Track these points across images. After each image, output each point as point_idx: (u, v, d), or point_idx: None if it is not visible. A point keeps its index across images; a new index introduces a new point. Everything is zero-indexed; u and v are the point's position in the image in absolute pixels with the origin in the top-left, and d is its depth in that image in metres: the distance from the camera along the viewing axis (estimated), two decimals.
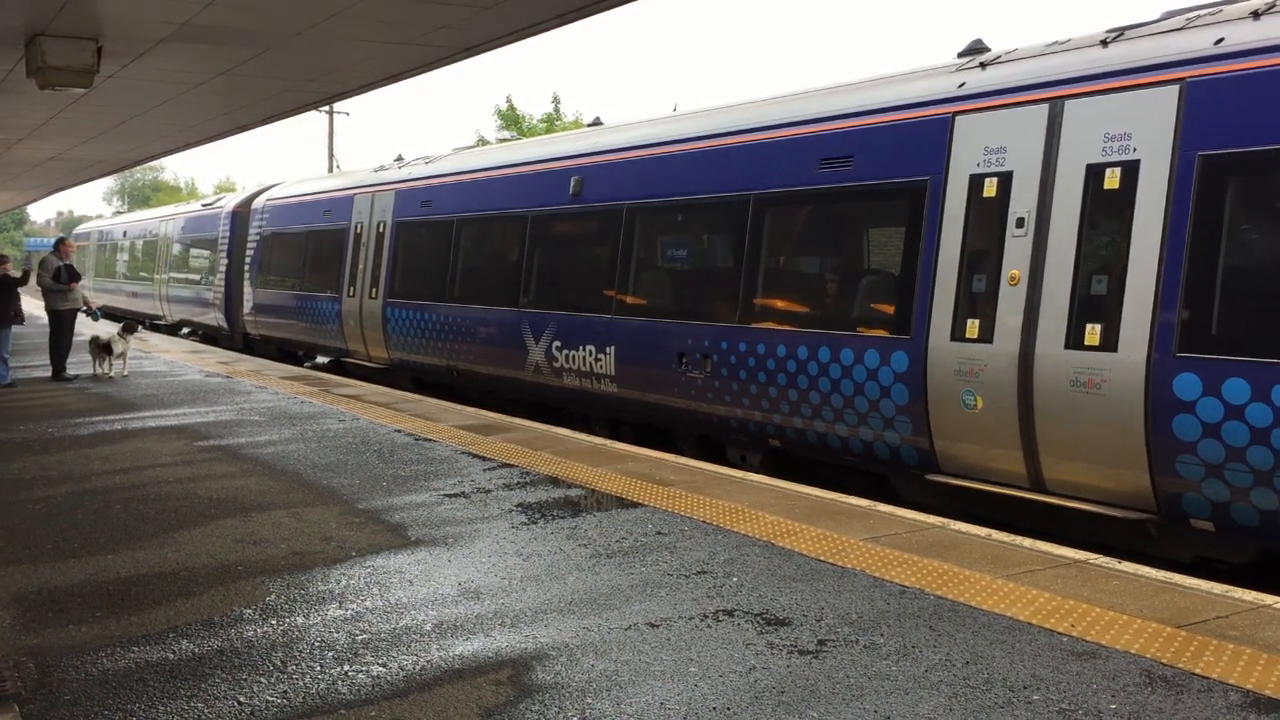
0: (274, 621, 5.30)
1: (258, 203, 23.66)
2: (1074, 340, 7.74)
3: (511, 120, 40.04)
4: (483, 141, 38.74)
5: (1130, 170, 7.55)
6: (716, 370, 10.55)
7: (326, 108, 46.18)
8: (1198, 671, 4.58)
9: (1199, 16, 7.83)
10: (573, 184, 13.06)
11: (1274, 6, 7.31)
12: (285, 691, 4.45)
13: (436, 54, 12.18)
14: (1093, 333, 7.63)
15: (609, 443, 10.60)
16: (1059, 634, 5.05)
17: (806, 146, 10.03)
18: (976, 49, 9.61)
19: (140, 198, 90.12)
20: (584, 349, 12.39)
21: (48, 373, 16.20)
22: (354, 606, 5.52)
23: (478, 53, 12.08)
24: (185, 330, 28.40)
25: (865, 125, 9.58)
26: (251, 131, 19.46)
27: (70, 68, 11.12)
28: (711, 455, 10.83)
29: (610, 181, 12.53)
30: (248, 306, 23.06)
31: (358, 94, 15.56)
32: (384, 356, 17.30)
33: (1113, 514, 7.59)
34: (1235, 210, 7.10)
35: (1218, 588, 5.82)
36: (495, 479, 8.67)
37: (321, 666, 4.72)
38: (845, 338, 9.34)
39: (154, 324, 30.36)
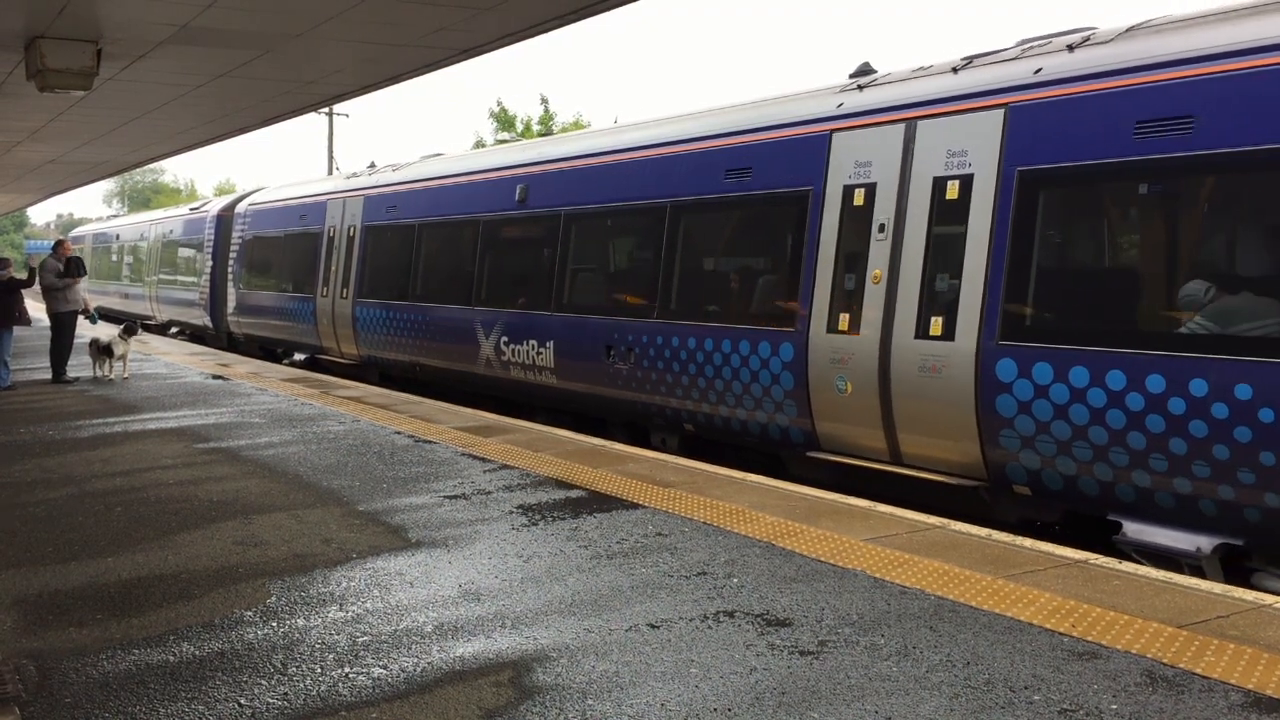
0: (274, 623, 5.30)
1: (240, 207, 24.63)
2: (922, 331, 8.80)
3: (505, 122, 39.99)
4: (481, 143, 38.83)
5: (966, 183, 8.64)
6: (639, 362, 11.57)
7: (326, 109, 46.18)
8: (1198, 671, 4.58)
9: (1032, 47, 8.87)
10: (518, 191, 14.14)
11: (1088, 40, 8.38)
12: (286, 693, 4.45)
13: (436, 55, 12.19)
14: (936, 324, 8.69)
15: (609, 444, 10.60)
16: (1060, 634, 5.05)
17: (714, 159, 11.12)
18: (864, 71, 10.58)
19: (140, 200, 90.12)
20: (527, 344, 13.40)
21: (48, 375, 16.21)
22: (354, 608, 5.52)
23: (477, 54, 12.09)
24: (174, 330, 29.24)
25: (762, 140, 10.66)
26: (251, 133, 19.47)
27: (70, 70, 11.13)
28: (638, 440, 11.73)
29: (550, 189, 13.59)
30: (231, 306, 24.06)
31: (357, 95, 15.58)
32: (354, 353, 18.38)
33: (952, 482, 8.64)
34: (1045, 218, 8.16)
35: (1218, 588, 5.82)
36: (496, 480, 8.67)
37: (322, 668, 4.72)
38: (743, 331, 10.39)
39: (145, 324, 30.76)
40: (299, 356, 20.95)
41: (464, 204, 15.49)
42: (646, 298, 11.68)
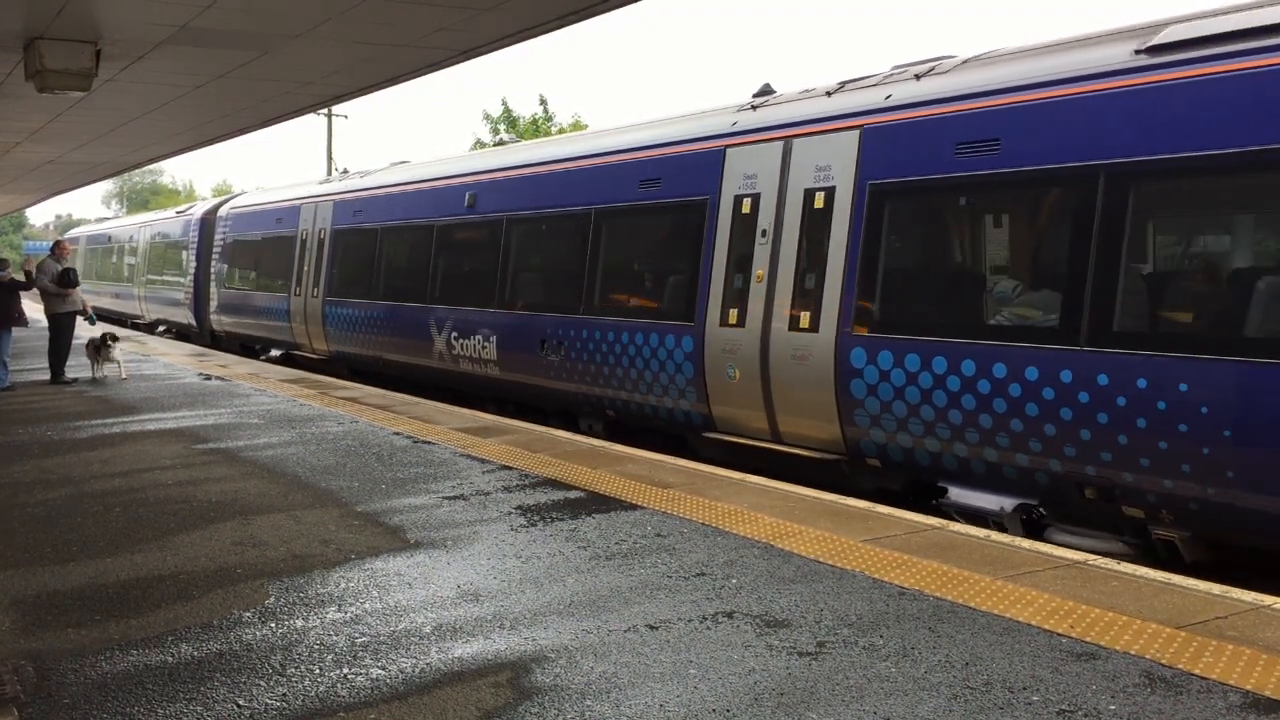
0: (273, 624, 5.30)
1: (222, 211, 25.99)
2: (793, 324, 9.97)
3: (508, 122, 40.14)
4: (480, 143, 38.90)
5: (830, 194, 9.81)
6: (568, 354, 12.73)
7: (325, 110, 46.17)
8: (1197, 672, 4.58)
9: (892, 75, 10.02)
10: (467, 198, 15.35)
11: (932, 70, 9.58)
12: (284, 694, 4.45)
13: (435, 56, 12.20)
14: (804, 318, 9.85)
15: (607, 445, 10.61)
16: (1058, 635, 5.05)
17: (631, 170, 12.33)
18: (764, 91, 11.67)
19: (139, 200, 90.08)
20: (474, 338, 14.63)
21: (46, 376, 16.21)
22: (353, 609, 5.52)
23: (477, 55, 12.09)
24: (161, 329, 30.27)
25: (670, 154, 11.89)
26: (251, 134, 19.51)
27: (69, 71, 11.13)
28: (568, 425, 12.91)
29: (495, 196, 14.83)
30: (214, 305, 25.30)
31: (356, 96, 15.58)
32: (325, 349, 19.59)
33: (819, 457, 9.76)
34: (889, 226, 9.37)
35: (1216, 588, 5.82)
36: (494, 481, 8.67)
37: (320, 669, 4.72)
38: (653, 325, 11.58)
39: (134, 323, 32.27)
40: (275, 353, 22.03)
41: (420, 209, 16.66)
42: (574, 296, 12.81)
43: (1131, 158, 7.66)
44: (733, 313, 10.58)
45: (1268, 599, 5.62)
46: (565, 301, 12.97)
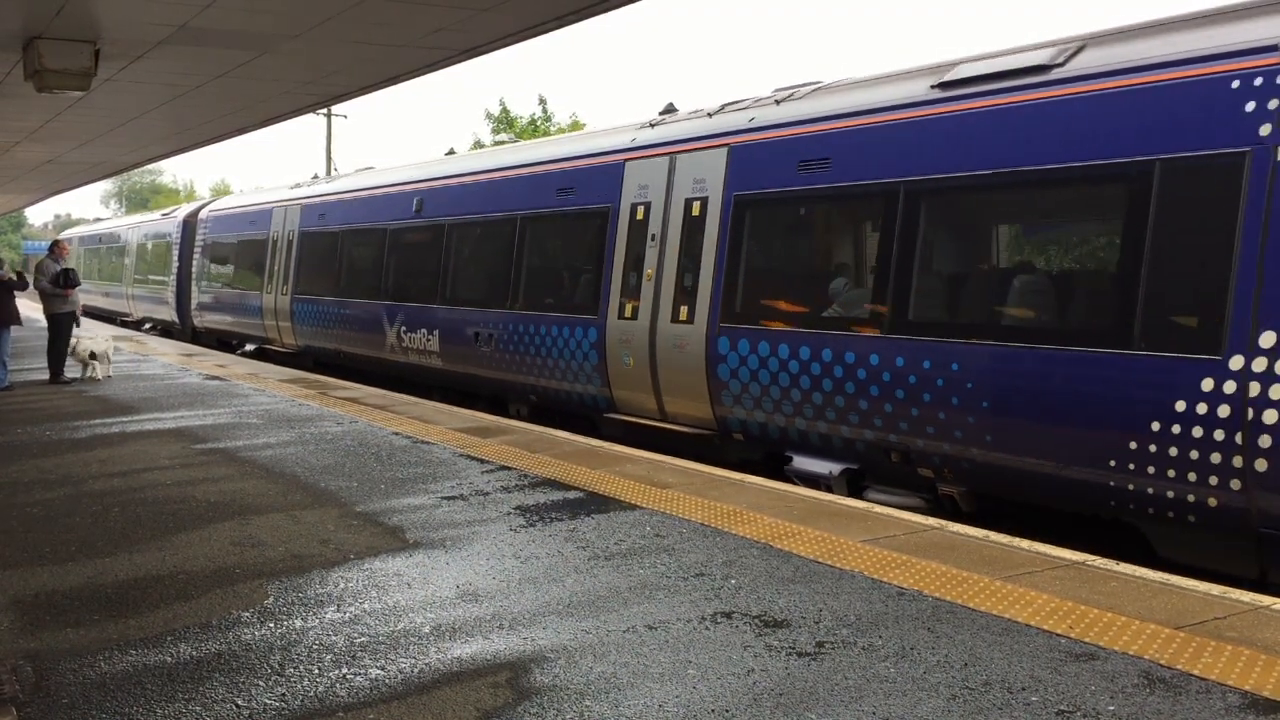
0: (272, 624, 5.29)
1: (202, 214, 27.76)
2: (675, 317, 11.30)
3: (505, 122, 40.23)
4: (479, 143, 39.01)
5: (704, 204, 11.18)
6: (497, 345, 14.18)
7: (324, 110, 46.19)
8: (1196, 673, 4.58)
9: (762, 100, 11.34)
10: (415, 204, 16.85)
11: (791, 96, 10.93)
12: (283, 694, 4.45)
13: (434, 56, 12.19)
14: (683, 311, 11.20)
15: (607, 445, 10.62)
16: (1057, 635, 5.05)
17: (550, 179, 13.79)
18: (668, 110, 13.10)
19: (138, 200, 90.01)
20: (420, 332, 16.05)
21: (45, 375, 16.21)
22: (352, 609, 5.52)
23: (476, 54, 12.09)
24: (148, 325, 31.93)
25: (581, 166, 13.28)
26: (250, 134, 19.53)
27: (68, 70, 11.12)
28: (499, 410, 14.25)
29: (438, 202, 16.29)
30: (194, 303, 26.93)
31: (356, 96, 15.58)
32: (293, 343, 21.13)
33: (695, 433, 11.11)
34: (748, 232, 10.74)
35: (1216, 589, 5.82)
36: (493, 481, 8.67)
37: (319, 669, 4.71)
38: (567, 318, 12.93)
39: (123, 320, 33.99)
40: (249, 347, 23.49)
41: (375, 214, 18.29)
42: (502, 293, 14.30)
43: (924, 175, 9.06)
44: (628, 307, 11.99)
45: (1267, 599, 5.63)
46: (495, 298, 14.45)
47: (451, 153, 22.49)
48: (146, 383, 15.86)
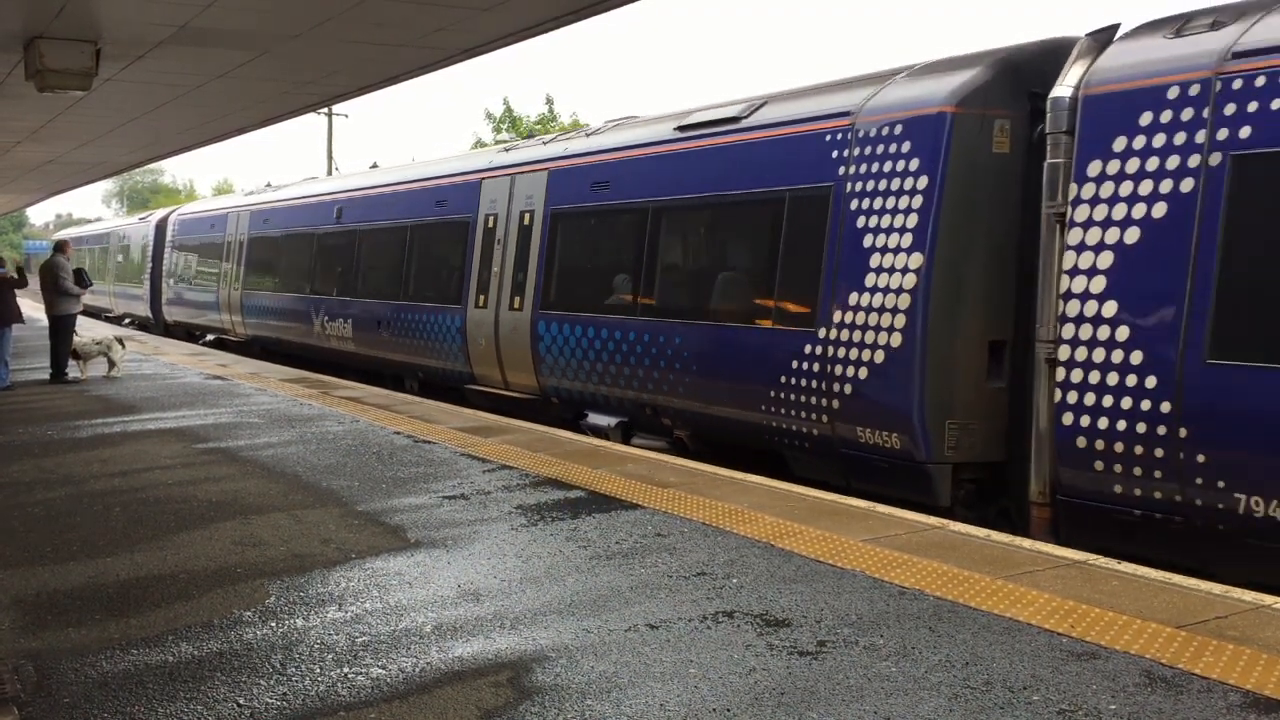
0: (273, 624, 5.30)
1: (171, 218, 30.83)
2: (511, 305, 13.99)
3: (510, 123, 40.34)
4: (480, 143, 39.09)
5: (532, 215, 14.02)
6: (394, 332, 16.91)
7: (325, 110, 46.17)
8: (1197, 672, 4.58)
9: (578, 133, 14.62)
10: (336, 211, 19.92)
11: (597, 130, 13.93)
12: (285, 694, 4.45)
13: (435, 56, 12.19)
14: (517, 302, 13.90)
15: (608, 444, 10.63)
16: (1059, 634, 5.05)
17: (431, 193, 16.71)
18: (532, 135, 16.35)
19: (139, 200, 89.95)
20: (338, 321, 18.91)
21: (46, 375, 16.21)
22: (353, 609, 5.52)
23: (477, 54, 12.08)
24: (127, 320, 34.46)
25: (453, 182, 16.17)
26: (251, 133, 19.55)
27: (69, 70, 11.12)
28: (398, 386, 16.79)
29: (353, 210, 19.35)
30: (165, 299, 29.90)
31: (356, 96, 15.59)
32: (243, 333, 24.03)
33: (527, 398, 13.79)
34: (560, 239, 13.41)
35: (1217, 588, 5.82)
36: (494, 481, 8.67)
37: (321, 669, 4.72)
38: (441, 308, 15.68)
39: (106, 316, 36.41)
40: (210, 338, 26.36)
41: (306, 219, 21.20)
42: (396, 287, 17.16)
43: (664, 197, 11.79)
44: (482, 298, 14.73)
45: (1268, 599, 5.63)
46: (391, 292, 17.27)
47: (375, 166, 26.08)
48: (148, 382, 15.86)
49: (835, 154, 9.77)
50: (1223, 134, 7.20)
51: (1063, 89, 8.24)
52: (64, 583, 6.00)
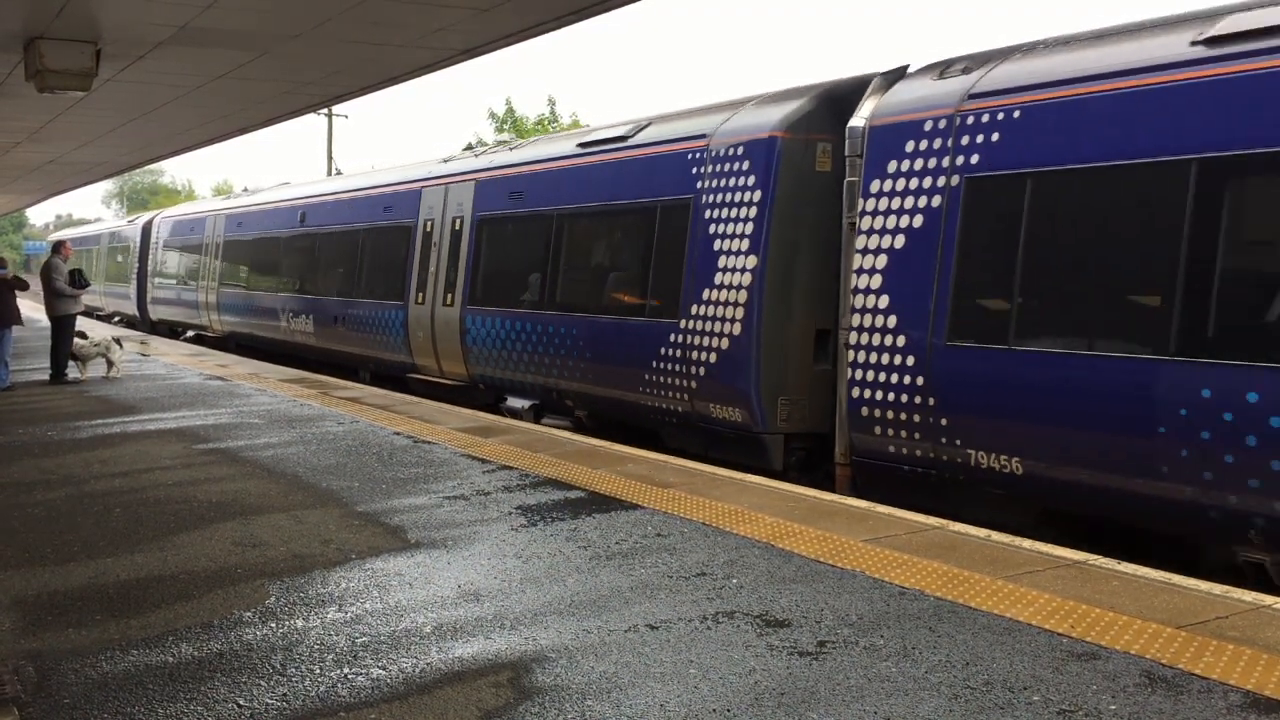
0: (273, 624, 5.30)
1: (155, 220, 32.85)
2: (445, 302, 15.68)
3: (511, 123, 40.42)
4: (481, 143, 39.17)
5: (462, 221, 15.72)
6: (348, 327, 18.66)
7: (325, 110, 46.15)
8: (1197, 672, 4.58)
9: (501, 147, 16.93)
10: (300, 216, 21.69)
11: (517, 146, 16.14)
12: (285, 694, 4.45)
13: (435, 56, 12.19)
14: (450, 298, 15.55)
15: (607, 445, 10.62)
16: (1059, 635, 5.05)
17: (380, 200, 18.52)
18: (469, 146, 18.80)
19: (139, 201, 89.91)
20: (302, 318, 20.74)
21: (45, 376, 16.21)
22: (353, 609, 5.52)
23: (477, 54, 12.08)
24: (116, 318, 36.57)
25: (398, 190, 17.92)
26: (251, 134, 19.56)
27: (69, 71, 11.12)
28: (351, 376, 18.28)
29: (314, 214, 21.11)
30: (150, 298, 31.78)
31: (357, 96, 15.60)
32: (220, 330, 25.85)
33: (459, 385, 15.46)
34: (486, 242, 15.16)
35: (1217, 588, 5.82)
36: (495, 481, 8.67)
37: (321, 669, 4.72)
38: (385, 305, 17.42)
39: (96, 314, 37.90)
40: (190, 334, 28.29)
41: (274, 223, 22.97)
42: (350, 286, 18.94)
43: (567, 205, 13.47)
44: (420, 295, 16.31)
45: (1268, 599, 5.63)
46: (346, 290, 19.02)
47: (339, 173, 27.98)
48: (148, 383, 15.86)
49: (694, 170, 11.45)
50: (960, 160, 8.71)
51: (857, 120, 9.79)
52: (64, 583, 6.00)
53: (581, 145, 13.57)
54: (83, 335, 16.82)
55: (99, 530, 7.16)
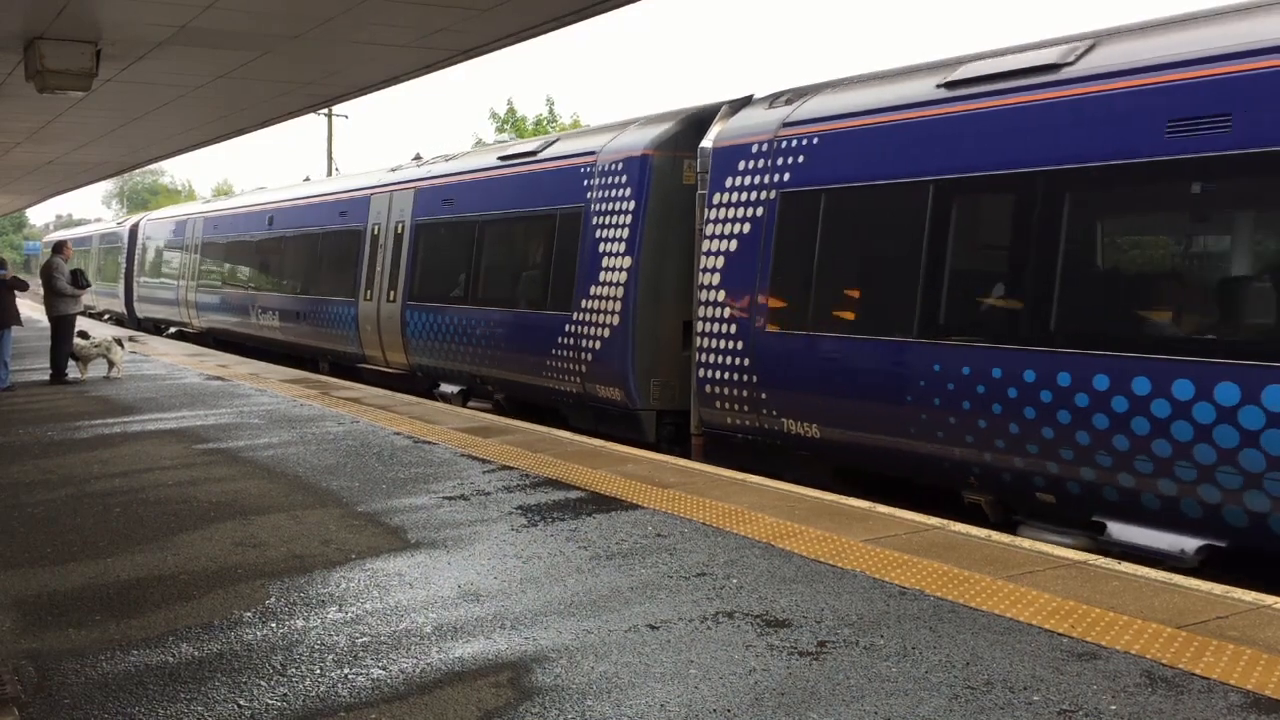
0: (274, 624, 5.30)
1: (142, 223, 35.03)
2: (388, 298, 17.32)
3: (511, 123, 40.51)
4: (480, 143, 39.26)
5: (404, 225, 17.38)
6: (309, 322, 20.51)
7: (325, 110, 46.17)
8: (1198, 672, 4.58)
9: (438, 160, 17.85)
10: (269, 219, 23.52)
11: (454, 157, 17.38)
12: (285, 694, 4.45)
13: (435, 56, 12.20)
14: (393, 295, 17.22)
15: (608, 445, 10.62)
16: (1059, 635, 5.05)
17: (335, 205, 20.29)
18: (418, 157, 19.02)
19: (139, 201, 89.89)
20: (269, 313, 22.69)
21: (46, 376, 16.21)
22: (354, 609, 5.52)
23: (477, 55, 12.10)
24: (106, 316, 38.14)
25: (350, 197, 19.77)
26: (251, 134, 19.57)
27: (69, 71, 11.13)
28: (312, 368, 20.13)
29: (278, 218, 23.06)
30: (136, 296, 33.80)
31: (357, 96, 15.61)
32: (199, 326, 27.75)
33: (401, 373, 17.15)
34: (422, 244, 16.74)
35: (1218, 588, 5.82)
36: (495, 481, 8.67)
37: (321, 669, 4.72)
38: (338, 302, 19.22)
39: (88, 311, 38.77)
40: (172, 330, 30.14)
41: (246, 225, 24.87)
42: (310, 284, 20.73)
43: (487, 212, 15.20)
44: (368, 293, 18.03)
45: (1268, 599, 5.63)
46: (308, 288, 20.76)
47: (308, 179, 29.93)
48: (148, 383, 15.87)
49: (585, 182, 13.04)
50: (777, 177, 10.31)
51: (706, 142, 11.37)
52: (64, 583, 6.00)
53: (501, 158, 15.33)
54: (84, 335, 16.83)
55: (99, 530, 7.16)
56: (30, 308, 24.16)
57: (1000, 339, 8.22)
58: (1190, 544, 7.11)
